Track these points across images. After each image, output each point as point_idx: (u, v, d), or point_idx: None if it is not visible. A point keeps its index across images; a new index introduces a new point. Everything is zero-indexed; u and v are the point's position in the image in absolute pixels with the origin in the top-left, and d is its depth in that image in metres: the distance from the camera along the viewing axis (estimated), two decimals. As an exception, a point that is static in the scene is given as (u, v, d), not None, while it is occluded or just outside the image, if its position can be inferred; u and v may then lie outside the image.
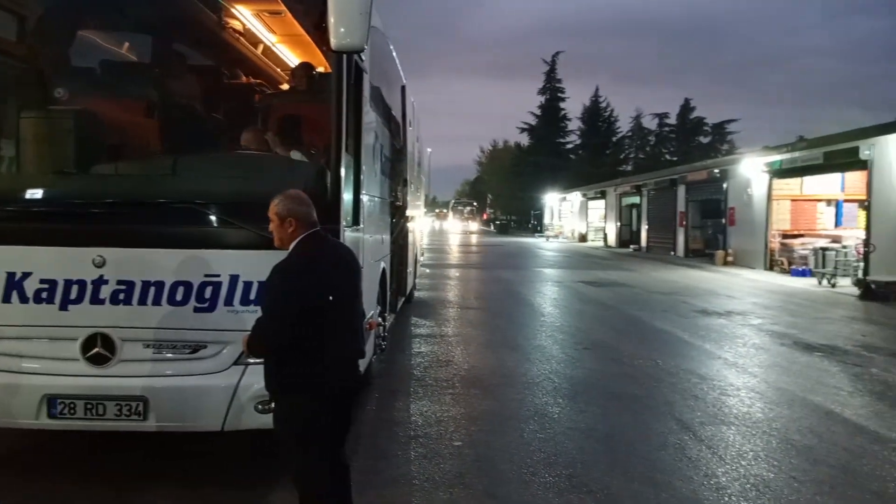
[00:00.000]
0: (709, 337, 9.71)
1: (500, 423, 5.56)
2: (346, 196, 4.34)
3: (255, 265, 3.96)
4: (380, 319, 6.62)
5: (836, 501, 4.11)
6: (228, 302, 3.97)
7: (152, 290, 3.93)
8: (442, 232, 56.26)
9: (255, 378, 3.95)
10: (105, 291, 3.92)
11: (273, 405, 3.25)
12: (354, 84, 4.53)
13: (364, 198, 5.10)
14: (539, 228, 59.29)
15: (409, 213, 9.35)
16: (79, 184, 4.26)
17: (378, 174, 6.24)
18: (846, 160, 18.09)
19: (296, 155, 4.69)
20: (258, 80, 5.91)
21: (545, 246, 39.90)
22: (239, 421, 4.00)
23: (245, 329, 3.95)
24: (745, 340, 9.49)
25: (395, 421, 5.59)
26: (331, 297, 3.08)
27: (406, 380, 6.94)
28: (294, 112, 5.03)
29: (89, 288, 3.92)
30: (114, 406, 3.94)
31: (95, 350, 3.94)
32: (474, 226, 67.44)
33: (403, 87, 7.91)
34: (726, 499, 4.11)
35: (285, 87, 6.19)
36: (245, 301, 3.97)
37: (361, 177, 4.88)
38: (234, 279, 3.97)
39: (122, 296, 3.93)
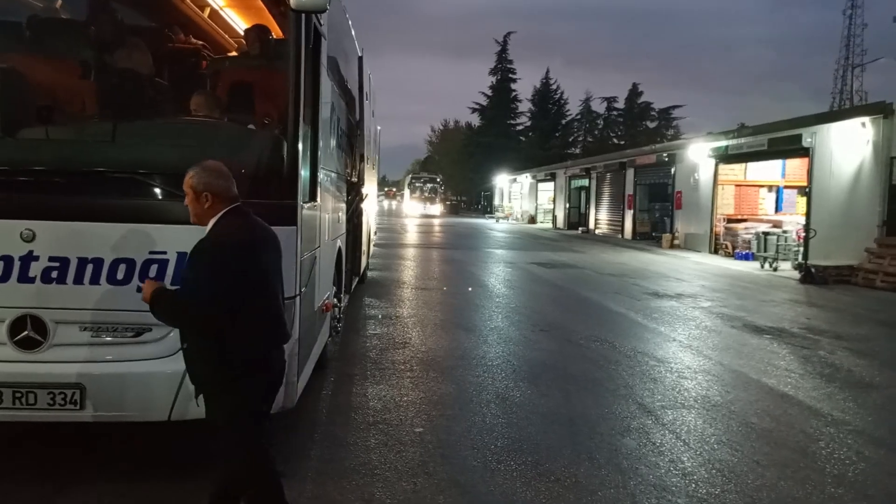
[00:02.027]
0: (662, 319, 9.79)
1: (460, 408, 5.41)
2: (304, 169, 4.06)
3: (206, 242, 3.67)
4: (335, 301, 6.36)
5: (799, 485, 4.11)
6: (176, 281, 3.64)
7: (90, 267, 3.58)
8: (393, 213, 53.52)
9: (204, 364, 3.68)
10: (35, 269, 3.55)
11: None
12: (312, 49, 4.23)
13: (321, 172, 4.81)
14: (489, 209, 59.42)
15: (364, 190, 9.06)
16: (3, 149, 3.83)
17: (335, 148, 5.94)
18: (789, 147, 18.58)
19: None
20: (203, 43, 5.50)
21: (495, 227, 39.99)
22: (187, 410, 3.69)
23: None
24: (696, 323, 9.60)
25: (353, 406, 5.36)
26: (260, 278, 2.91)
27: (362, 363, 6.71)
28: (245, 78, 4.67)
29: (16, 265, 3.54)
30: (46, 395, 3.58)
31: (25, 333, 3.57)
32: (437, 209, 52.03)
33: (360, 59, 7.57)
34: (693, 485, 4.06)
35: (232, 53, 5.79)
36: (194, 281, 3.66)
37: (319, 149, 4.59)
38: (182, 257, 3.63)
39: (54, 274, 3.56)
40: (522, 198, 50.21)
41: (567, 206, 39.88)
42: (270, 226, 3.80)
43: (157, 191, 3.66)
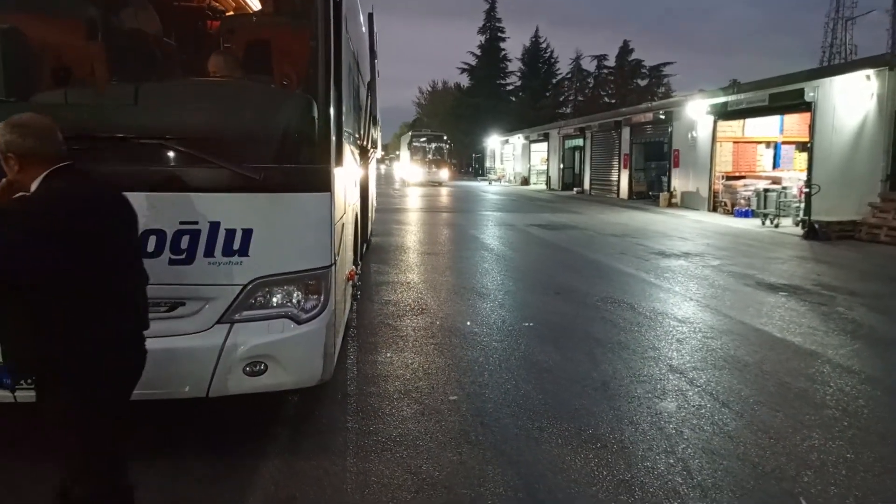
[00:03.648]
0: (674, 279, 9.72)
1: (491, 374, 5.31)
2: (334, 133, 3.85)
3: (239, 209, 3.51)
4: (354, 268, 6.19)
5: (848, 445, 4.06)
6: (209, 252, 3.47)
7: (118, 240, 3.38)
8: (383, 180, 46.41)
9: (243, 337, 3.56)
10: (60, 242, 3.35)
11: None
12: (337, 5, 3.98)
13: (345, 135, 4.60)
14: (481, 172, 59.00)
15: (373, 153, 8.81)
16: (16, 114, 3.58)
17: (353, 110, 5.71)
18: (791, 102, 18.38)
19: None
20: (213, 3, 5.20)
21: (489, 189, 39.70)
22: (226, 386, 3.57)
23: (229, 283, 3.55)
24: (710, 282, 9.54)
25: (381, 375, 5.25)
26: (79, 249, 2.37)
27: (382, 330, 6.59)
28: (263, 37, 4.42)
29: (41, 238, 3.33)
30: (78, 373, 3.42)
31: (52, 311, 3.39)
32: (444, 174, 40.95)
33: (371, 16, 7.27)
34: (742, 448, 3.99)
35: (253, 9, 5.49)
36: (228, 251, 3.49)
37: (343, 112, 4.38)
38: (214, 226, 3.47)
39: (81, 247, 3.37)
40: (515, 159, 49.77)
41: (561, 166, 39.56)
42: (305, 192, 3.67)
43: (186, 157, 3.43)
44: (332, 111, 3.73)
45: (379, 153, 12.12)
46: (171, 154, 3.40)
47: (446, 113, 70.79)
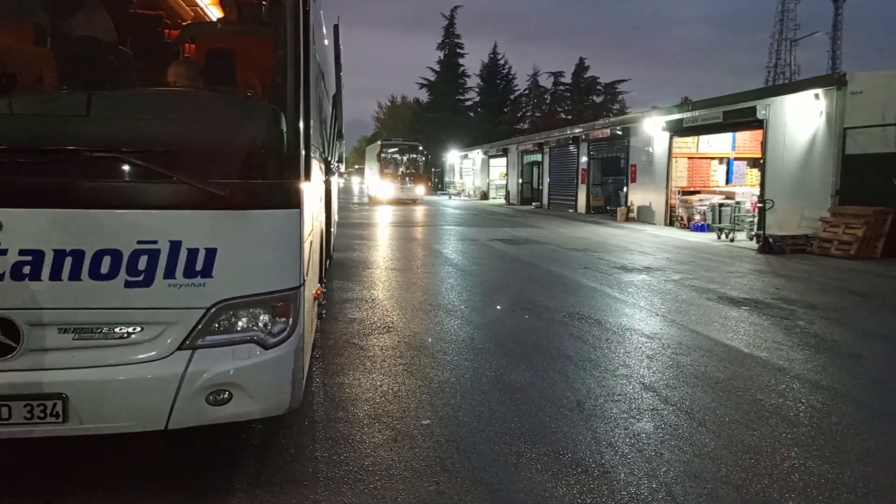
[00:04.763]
0: (638, 294, 9.75)
1: (463, 396, 5.14)
2: (304, 146, 3.67)
3: (202, 227, 3.28)
4: (320, 286, 5.98)
5: (827, 464, 4.02)
6: (169, 274, 3.23)
7: (69, 261, 3.12)
8: (340, 195, 49.11)
9: (205, 364, 3.31)
10: (3, 264, 3.07)
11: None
12: (306, 14, 3.81)
13: (312, 149, 4.41)
14: (440, 186, 59.06)
15: (337, 168, 8.60)
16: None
17: (320, 124, 5.52)
18: (744, 119, 18.89)
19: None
20: (173, 11, 4.97)
21: (449, 204, 39.69)
22: (187, 417, 3.32)
23: (191, 306, 3.32)
24: (673, 296, 9.59)
25: (349, 399, 5.03)
26: None
27: (348, 350, 6.36)
28: (228, 46, 4.21)
29: (-19, 260, 3.06)
30: (22, 407, 3.14)
31: (-6, 339, 3.10)
32: (419, 191, 37.07)
33: (336, 27, 7.10)
34: (724, 470, 3.91)
35: (218, 17, 5.27)
36: (190, 272, 3.25)
37: (311, 125, 4.19)
38: (175, 246, 3.23)
39: (26, 269, 3.09)
40: (474, 174, 50.00)
41: (520, 181, 39.88)
42: (273, 209, 3.46)
43: (145, 171, 3.19)
44: (301, 123, 3.55)
45: (342, 167, 11.90)
46: (128, 168, 3.16)
47: (405, 127, 70.70)
